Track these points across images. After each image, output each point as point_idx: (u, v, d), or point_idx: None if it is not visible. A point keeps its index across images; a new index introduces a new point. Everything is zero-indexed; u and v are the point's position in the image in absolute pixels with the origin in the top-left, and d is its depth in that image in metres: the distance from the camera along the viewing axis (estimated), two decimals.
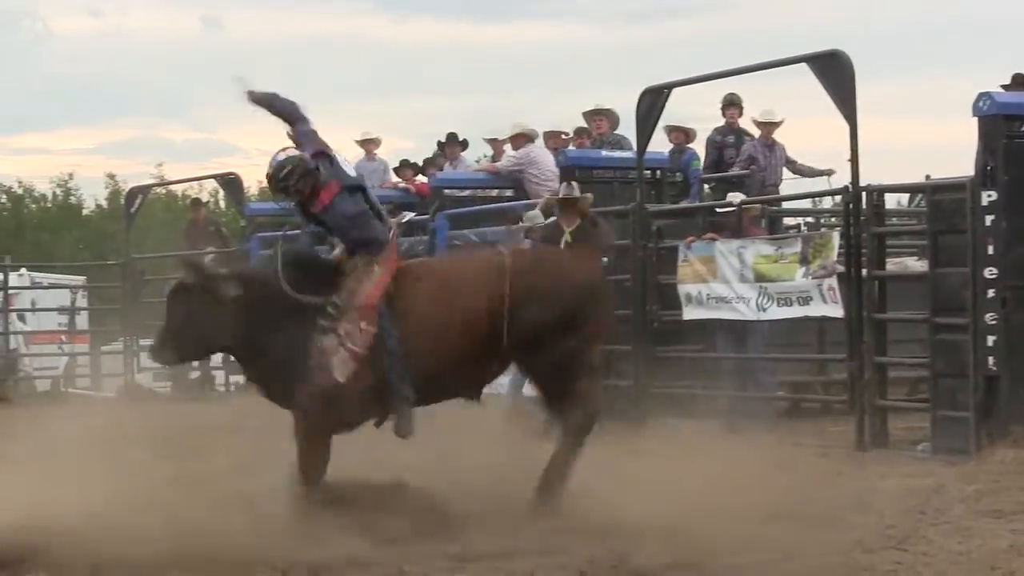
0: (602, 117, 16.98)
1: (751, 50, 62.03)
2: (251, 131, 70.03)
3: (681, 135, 16.95)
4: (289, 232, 19.82)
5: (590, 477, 10.60)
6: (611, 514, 9.09)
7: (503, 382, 16.04)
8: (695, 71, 14.67)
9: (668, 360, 14.28)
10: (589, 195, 13.77)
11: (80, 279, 26.20)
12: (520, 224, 15.58)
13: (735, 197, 14.57)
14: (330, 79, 63.43)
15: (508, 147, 17.75)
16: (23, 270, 25.48)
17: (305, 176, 9.19)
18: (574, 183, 13.91)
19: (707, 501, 9.53)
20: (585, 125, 17.26)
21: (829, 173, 15.44)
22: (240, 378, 20.52)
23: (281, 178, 9.22)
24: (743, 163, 16.06)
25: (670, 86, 14.49)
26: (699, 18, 62.79)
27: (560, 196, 13.60)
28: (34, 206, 48.67)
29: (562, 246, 12.85)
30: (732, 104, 16.54)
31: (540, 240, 13.55)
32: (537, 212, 15.67)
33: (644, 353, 14.23)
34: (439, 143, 18.80)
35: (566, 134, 17.65)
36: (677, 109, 14.87)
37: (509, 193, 17.54)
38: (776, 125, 16.18)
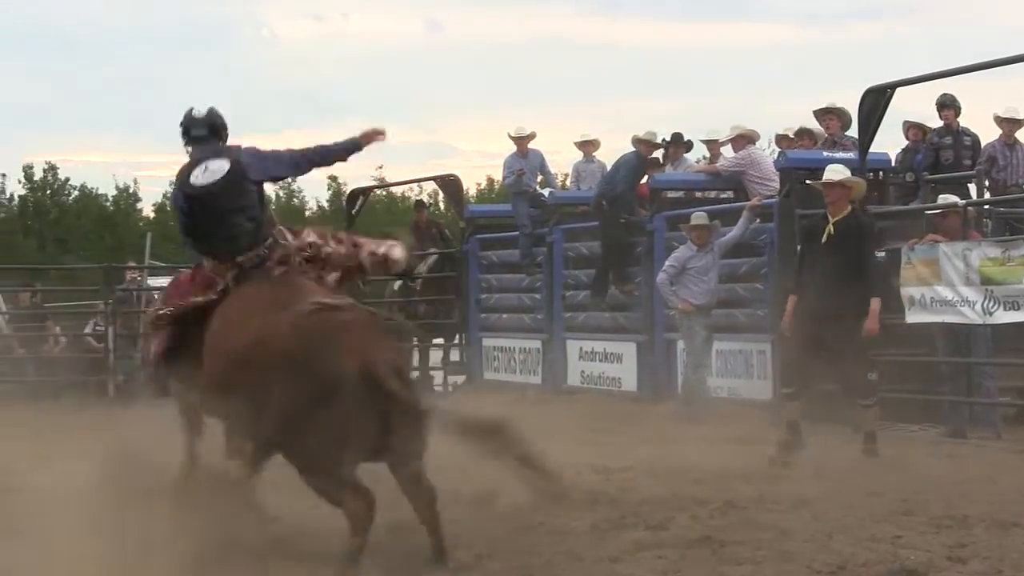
0: (832, 116, 16.78)
1: (980, 48, 60.77)
2: (470, 133, 70.89)
3: (919, 132, 16.74)
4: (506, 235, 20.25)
5: (808, 479, 10.59)
6: (829, 518, 9.07)
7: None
8: (921, 71, 14.46)
9: (890, 364, 14.07)
10: (862, 180, 13.21)
11: None
12: (688, 224, 15.55)
13: (948, 199, 14.33)
14: (549, 80, 63.80)
15: (725, 148, 17.68)
16: None
17: None
18: (840, 166, 13.14)
19: (931, 507, 9.44)
20: (809, 126, 17.10)
21: None
22: (459, 378, 20.91)
23: None
24: (983, 163, 15.81)
25: (893, 85, 14.30)
26: (922, 17, 61.66)
27: (823, 180, 12.75)
28: None
29: (824, 240, 12.42)
30: (945, 105, 16.31)
31: (805, 230, 13.04)
32: (703, 213, 15.63)
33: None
34: (664, 142, 18.77)
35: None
36: (915, 109, 14.67)
37: (727, 194, 17.44)
38: (1020, 123, 15.87)
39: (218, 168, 8.14)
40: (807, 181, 14.09)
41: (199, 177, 8.15)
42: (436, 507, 7.82)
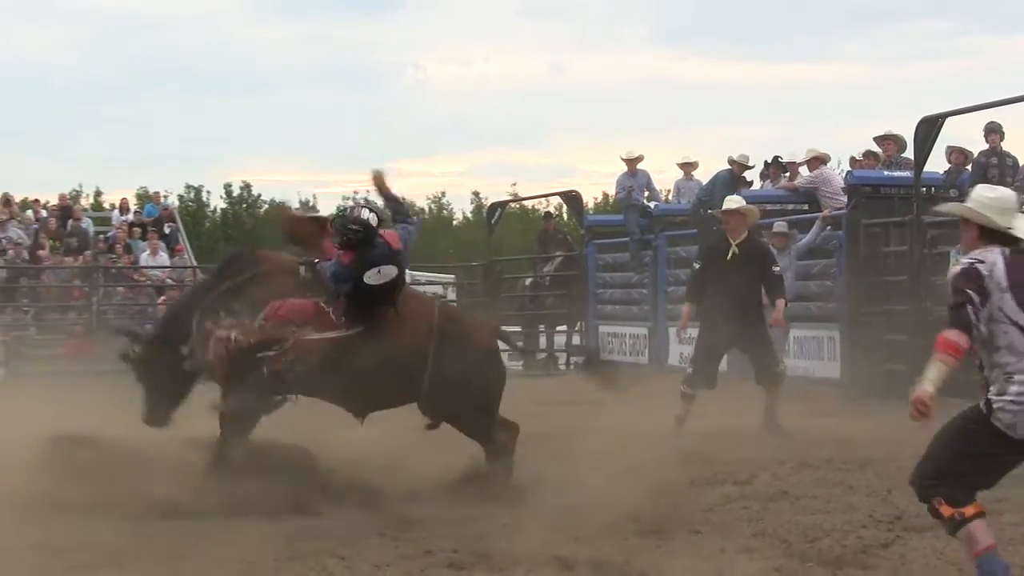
0: (890, 141, 16.62)
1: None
2: (589, 156, 70.97)
3: (960, 155, 16.49)
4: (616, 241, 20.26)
5: (871, 444, 10.54)
6: (888, 477, 9.03)
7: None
8: (968, 103, 14.31)
9: None
10: (754, 208, 12.80)
11: (450, 277, 26.95)
12: (771, 231, 15.47)
13: None
14: (655, 111, 63.70)
15: (802, 168, 17.62)
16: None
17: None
18: (739, 196, 12.97)
19: None
20: (873, 148, 16.97)
21: None
22: (580, 359, 20.96)
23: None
24: (1020, 181, 15.57)
25: (944, 115, 14.17)
26: (970, 57, 60.54)
27: (723, 208, 12.39)
28: (415, 218, 50.14)
29: (729, 259, 12.01)
30: (993, 131, 16.05)
31: (707, 251, 12.57)
32: (784, 223, 15.55)
33: (919, 343, 13.91)
34: (766, 163, 18.68)
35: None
36: (963, 136, 14.48)
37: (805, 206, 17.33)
38: None
39: (387, 273, 8.74)
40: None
41: (372, 278, 8.69)
42: None
